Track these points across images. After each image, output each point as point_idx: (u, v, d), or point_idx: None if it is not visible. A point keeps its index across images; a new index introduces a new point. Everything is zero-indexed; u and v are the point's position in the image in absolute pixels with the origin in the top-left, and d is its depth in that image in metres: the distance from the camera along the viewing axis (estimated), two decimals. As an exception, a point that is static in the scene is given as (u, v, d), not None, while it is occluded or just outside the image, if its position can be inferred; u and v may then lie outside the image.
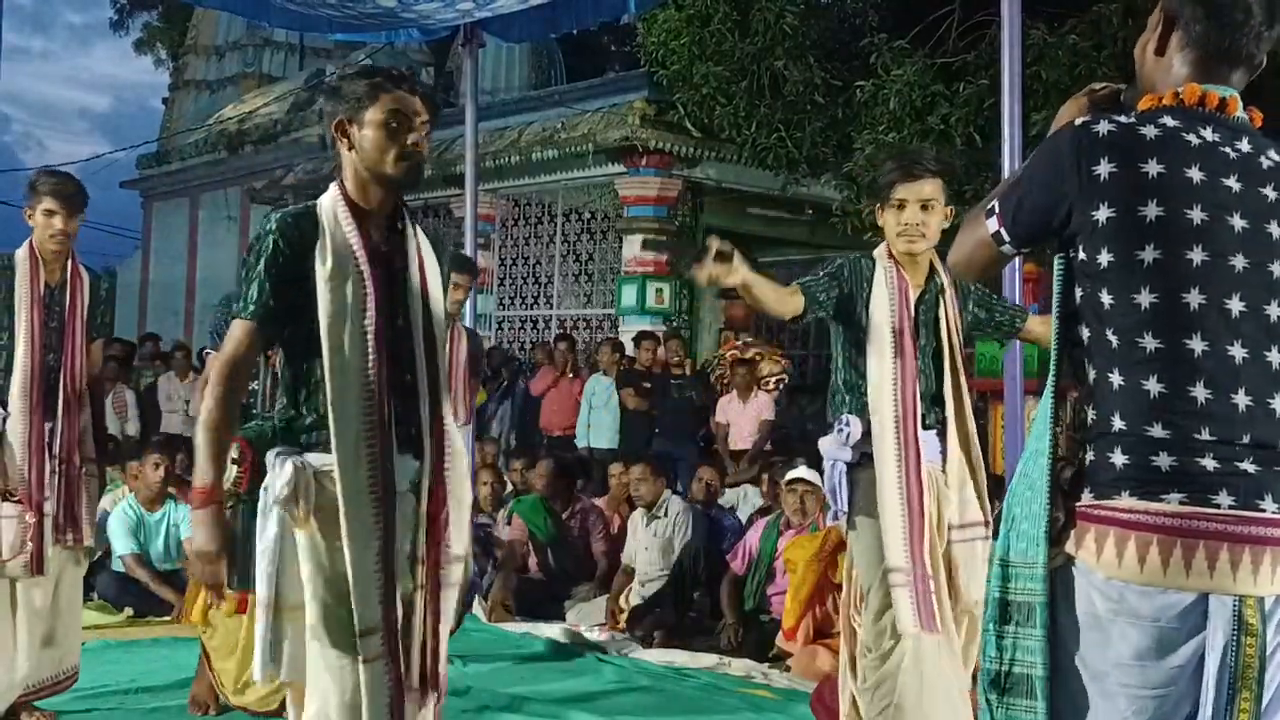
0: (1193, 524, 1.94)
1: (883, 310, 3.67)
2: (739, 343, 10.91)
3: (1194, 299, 1.99)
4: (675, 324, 12.07)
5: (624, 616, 6.65)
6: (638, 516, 6.95)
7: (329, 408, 2.68)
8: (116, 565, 6.90)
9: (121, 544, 6.81)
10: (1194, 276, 1.99)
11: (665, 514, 6.83)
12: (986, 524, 3.69)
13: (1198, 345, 1.98)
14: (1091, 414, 2.07)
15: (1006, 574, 2.12)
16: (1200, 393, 1.97)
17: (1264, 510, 1.94)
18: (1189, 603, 1.96)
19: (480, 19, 7.55)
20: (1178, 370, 1.98)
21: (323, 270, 2.71)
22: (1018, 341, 5.00)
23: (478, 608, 6.78)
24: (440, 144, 13.93)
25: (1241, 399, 1.97)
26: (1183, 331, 1.98)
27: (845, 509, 3.75)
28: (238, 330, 2.75)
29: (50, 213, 4.42)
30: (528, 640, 6.43)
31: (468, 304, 6.70)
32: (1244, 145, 2.08)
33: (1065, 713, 2.05)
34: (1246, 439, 1.96)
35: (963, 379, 3.73)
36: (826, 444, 3.82)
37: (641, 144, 11.64)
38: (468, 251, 7.58)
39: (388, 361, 2.73)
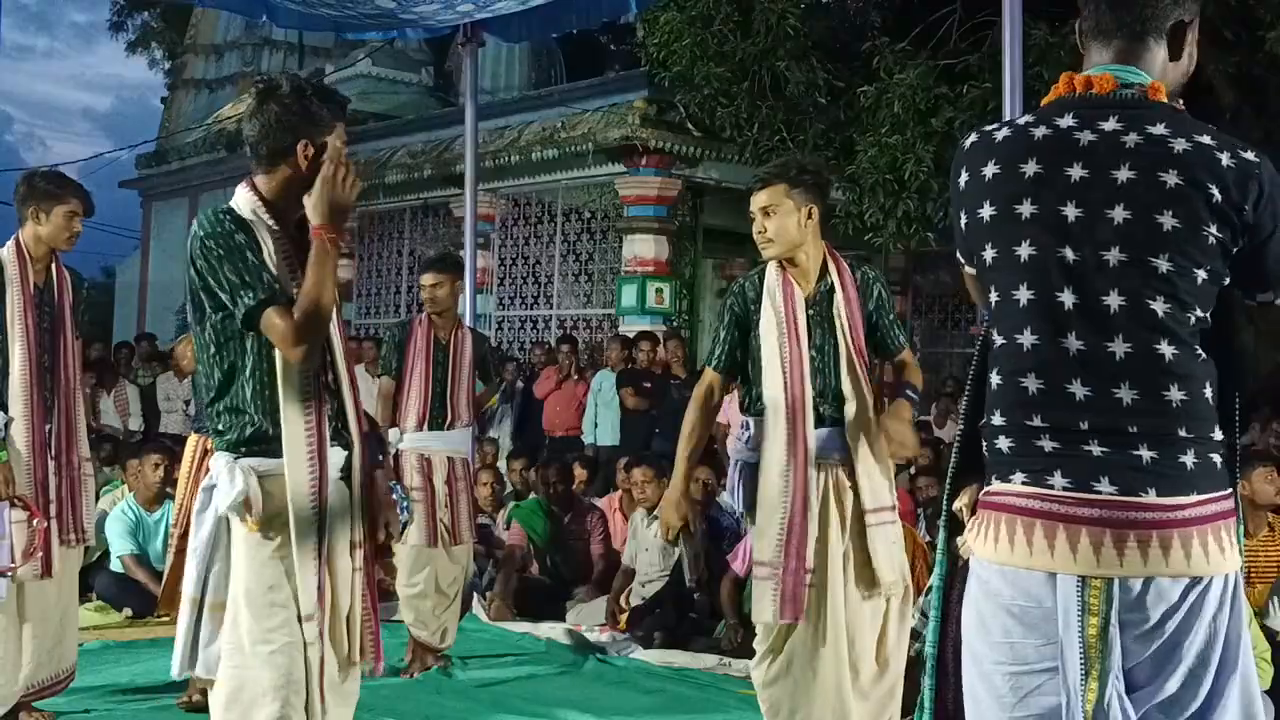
0: (1031, 504, 2.01)
1: (769, 318, 3.83)
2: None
3: (1023, 295, 2.04)
4: (675, 324, 12.06)
5: (624, 617, 6.64)
6: (638, 517, 6.94)
7: (281, 411, 2.78)
8: (115, 565, 6.88)
9: (120, 544, 6.80)
10: (1022, 272, 2.04)
11: (666, 515, 6.81)
12: (892, 508, 3.86)
13: (1027, 339, 2.03)
14: None
15: (940, 565, 2.26)
16: (1031, 383, 2.03)
17: (1099, 492, 1.97)
18: (1041, 581, 2.01)
19: (480, 19, 7.55)
20: (1013, 363, 2.05)
21: (272, 270, 2.76)
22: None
23: (478, 608, 6.78)
24: (440, 144, 13.93)
25: (1079, 389, 1.99)
26: (1014, 327, 2.05)
27: (743, 508, 3.93)
28: (278, 309, 2.71)
29: (73, 214, 4.44)
30: (528, 640, 6.42)
31: (467, 304, 6.69)
32: (1108, 125, 2.04)
33: (966, 694, 2.13)
34: (1084, 425, 1.99)
35: (861, 373, 3.83)
36: (730, 445, 3.95)
37: (641, 144, 11.63)
38: (466, 251, 7.58)
39: (319, 359, 2.84)
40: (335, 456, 2.89)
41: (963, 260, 2.26)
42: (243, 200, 2.84)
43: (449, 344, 5.67)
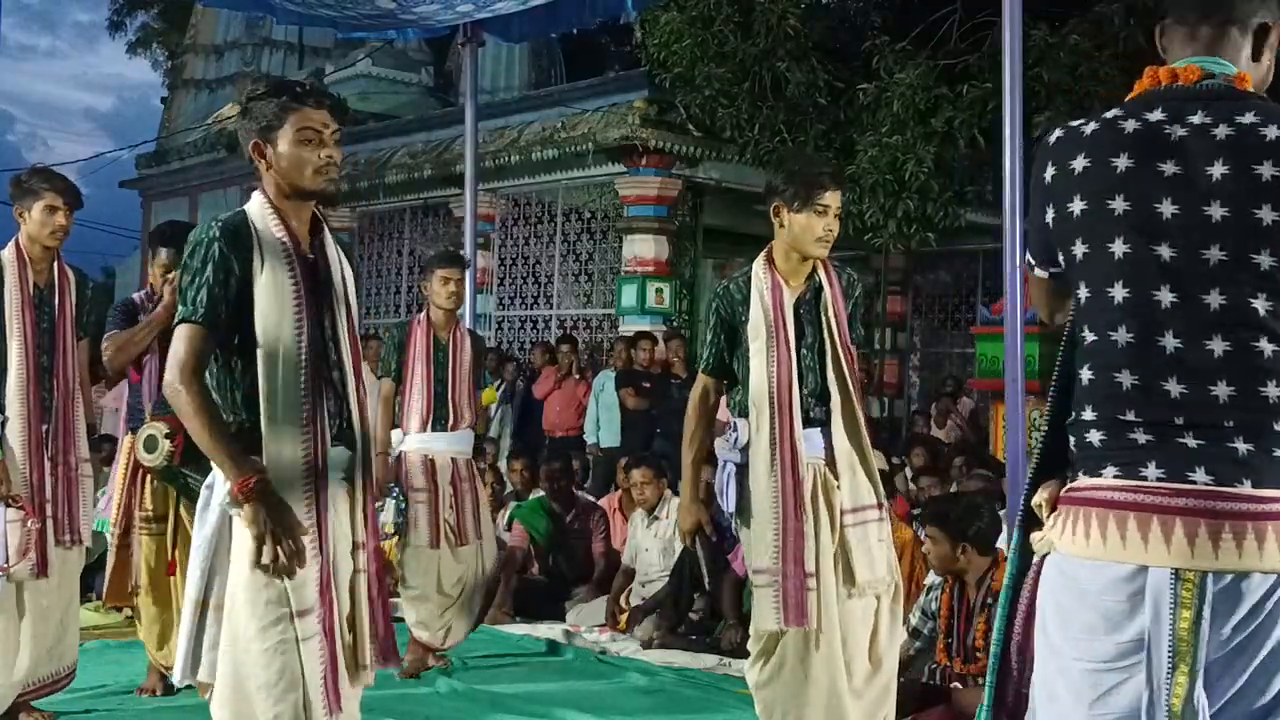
0: (1123, 496, 1.99)
1: (758, 319, 3.83)
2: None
3: (1118, 292, 2.01)
4: (675, 324, 12.07)
5: (624, 617, 6.65)
6: (638, 517, 6.95)
7: (262, 407, 2.80)
8: (115, 565, 6.88)
9: (120, 544, 6.79)
10: (1117, 269, 2.01)
11: (666, 515, 6.82)
12: (880, 506, 3.85)
13: (1121, 336, 2.01)
14: None
15: (1013, 563, 2.23)
16: (1126, 379, 2.00)
17: (1194, 482, 1.94)
18: (1130, 575, 1.97)
19: (480, 19, 7.55)
20: (1106, 359, 2.03)
21: (260, 276, 2.82)
22: (1018, 342, 5.01)
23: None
24: (440, 144, 13.93)
25: (1174, 386, 1.96)
26: (1109, 324, 2.03)
27: (732, 509, 3.90)
28: (191, 334, 2.78)
29: (52, 209, 4.43)
30: (527, 641, 6.43)
31: (467, 304, 6.68)
32: (1197, 118, 2.01)
33: (1039, 691, 2.11)
34: (1179, 420, 1.96)
35: (846, 371, 3.83)
36: (719, 446, 3.98)
37: (641, 144, 11.63)
38: (467, 251, 7.58)
39: (317, 360, 2.86)
40: (339, 456, 2.89)
41: (1032, 262, 2.23)
42: (255, 206, 2.91)
43: (449, 344, 5.67)
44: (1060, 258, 2.12)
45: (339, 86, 17.33)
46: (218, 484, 2.81)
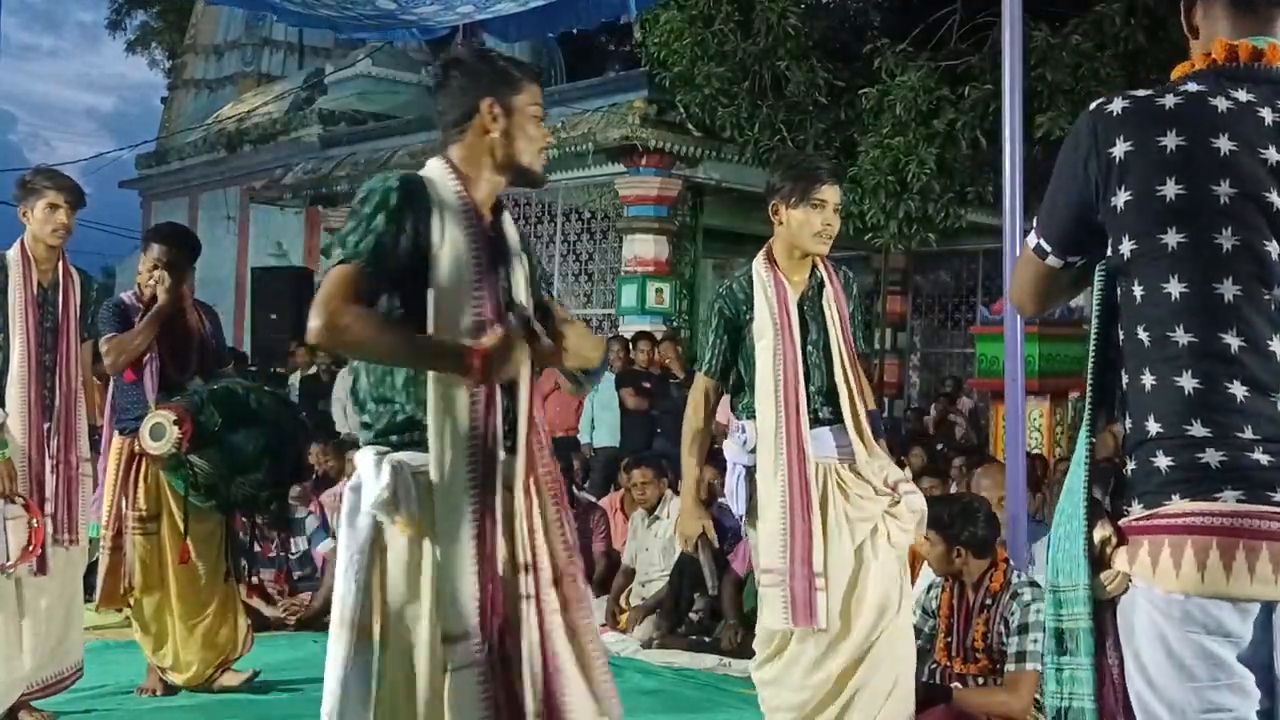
0: (1253, 523, 1.78)
1: (763, 317, 3.78)
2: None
3: (1228, 290, 1.81)
4: (675, 324, 12.07)
5: (624, 617, 6.65)
6: (638, 517, 6.95)
7: (432, 397, 2.42)
8: (116, 565, 6.86)
9: (121, 544, 6.79)
10: (1226, 263, 1.81)
11: (666, 515, 6.82)
12: (908, 479, 3.83)
13: (1233, 340, 1.81)
14: (1128, 422, 1.91)
15: (1057, 600, 1.99)
16: (1238, 390, 1.80)
17: None
18: (1263, 610, 1.81)
19: (480, 20, 7.55)
20: (1212, 366, 1.81)
21: (437, 241, 2.47)
22: (1018, 342, 5.02)
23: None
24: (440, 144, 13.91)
25: None
26: (1216, 326, 1.82)
27: (743, 511, 3.85)
28: (347, 271, 2.40)
29: (54, 207, 4.46)
30: (528, 641, 6.42)
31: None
32: None
33: None
34: None
35: (849, 370, 3.79)
36: (728, 448, 3.92)
37: (641, 144, 11.63)
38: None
39: None
40: (503, 462, 2.52)
41: (1047, 249, 2.02)
42: (434, 168, 2.59)
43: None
44: (1124, 246, 1.88)
45: (339, 87, 17.34)
46: (366, 485, 2.45)
